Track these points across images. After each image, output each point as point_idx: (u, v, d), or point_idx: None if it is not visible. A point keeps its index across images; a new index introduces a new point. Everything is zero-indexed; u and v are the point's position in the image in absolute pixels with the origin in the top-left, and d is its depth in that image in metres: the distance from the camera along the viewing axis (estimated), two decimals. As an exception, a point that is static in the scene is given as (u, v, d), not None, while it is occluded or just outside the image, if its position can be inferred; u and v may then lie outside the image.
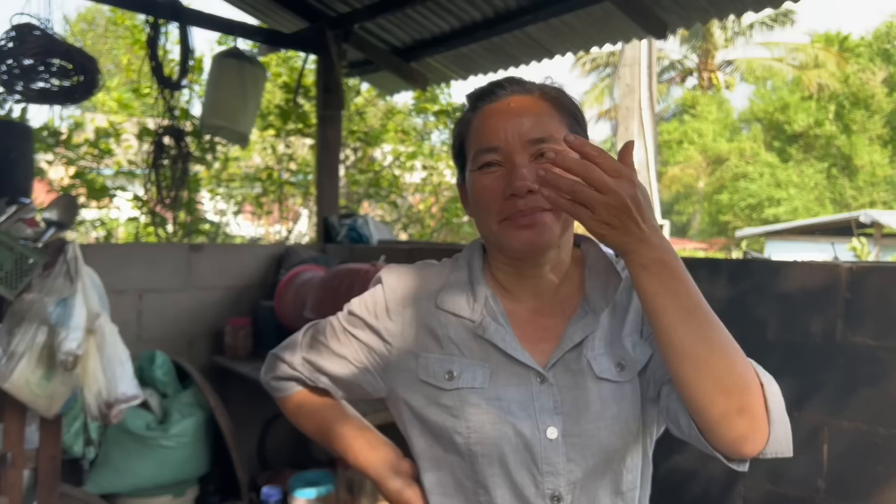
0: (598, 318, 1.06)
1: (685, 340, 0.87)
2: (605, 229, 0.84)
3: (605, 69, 23.54)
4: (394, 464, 1.16)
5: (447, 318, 1.08)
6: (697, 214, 25.96)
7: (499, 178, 1.00)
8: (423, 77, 4.47)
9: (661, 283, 0.87)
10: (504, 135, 1.01)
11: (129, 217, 5.67)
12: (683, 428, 0.94)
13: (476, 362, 1.05)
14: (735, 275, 2.23)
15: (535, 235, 0.99)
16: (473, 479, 1.03)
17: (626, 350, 1.04)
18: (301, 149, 6.71)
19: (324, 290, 2.87)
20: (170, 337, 3.40)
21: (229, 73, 3.68)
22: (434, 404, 1.05)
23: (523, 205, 0.98)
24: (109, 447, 2.80)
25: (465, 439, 1.02)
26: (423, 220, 7.82)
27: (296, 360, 1.20)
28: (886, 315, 1.89)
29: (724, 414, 0.87)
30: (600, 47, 3.94)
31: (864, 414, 1.93)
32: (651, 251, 0.86)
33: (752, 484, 2.16)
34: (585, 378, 1.02)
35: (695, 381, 0.87)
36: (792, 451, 0.90)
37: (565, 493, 1.00)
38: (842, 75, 22.65)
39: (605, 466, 1.02)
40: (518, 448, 1.00)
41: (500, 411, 1.01)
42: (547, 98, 1.04)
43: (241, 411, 3.23)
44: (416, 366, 1.08)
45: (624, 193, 0.82)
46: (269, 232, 7.32)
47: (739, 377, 0.88)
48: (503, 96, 1.05)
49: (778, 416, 0.90)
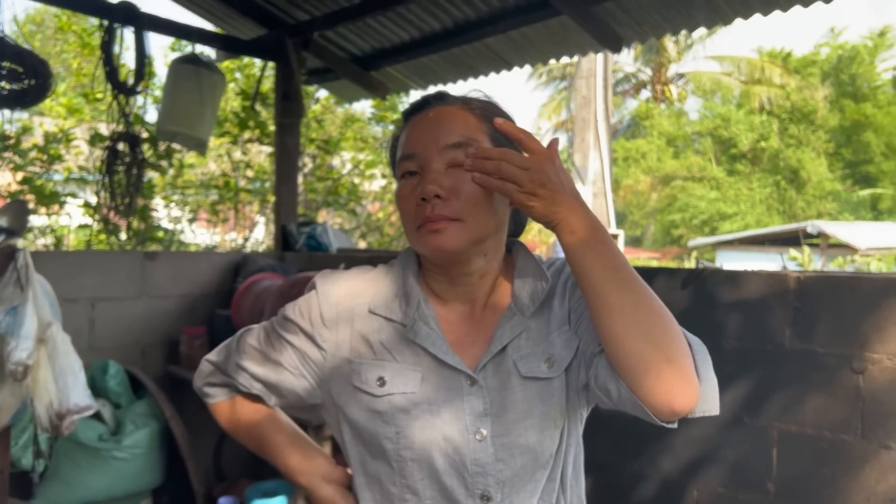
0: (525, 318, 1.08)
1: (613, 295, 0.93)
2: (533, 200, 0.94)
3: (561, 82, 23.87)
4: (326, 472, 1.17)
5: (380, 323, 1.09)
6: (651, 225, 26.41)
7: (415, 187, 1.04)
8: (383, 86, 4.48)
9: (586, 245, 0.94)
10: (420, 142, 1.05)
11: (80, 224, 5.54)
12: (613, 394, 0.96)
13: (407, 367, 1.06)
14: (688, 284, 2.28)
15: (442, 241, 1.01)
16: (401, 483, 1.04)
17: (555, 345, 1.07)
18: (258, 156, 6.65)
19: (282, 298, 2.85)
20: (123, 346, 3.33)
21: (187, 78, 3.63)
22: (366, 410, 1.06)
23: (430, 210, 1.00)
24: (60, 460, 2.73)
25: (395, 445, 1.03)
26: (382, 229, 7.81)
27: (229, 365, 1.19)
28: (833, 323, 1.96)
29: (652, 363, 0.90)
30: (557, 60, 4.00)
31: (811, 419, 2.00)
32: (577, 218, 0.94)
33: (704, 487, 2.21)
34: (512, 379, 1.04)
35: (623, 332, 0.91)
36: (719, 410, 0.94)
37: (494, 492, 1.02)
38: (784, 92, 23.36)
39: (533, 463, 1.04)
40: (447, 452, 1.02)
41: (431, 416, 1.03)
42: (468, 108, 1.08)
43: (197, 421, 3.17)
44: (349, 372, 1.08)
45: (544, 167, 0.93)
46: (224, 240, 7.23)
47: (666, 330, 0.92)
48: (427, 109, 1.09)
49: (706, 375, 0.93)
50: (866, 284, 1.90)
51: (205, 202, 6.54)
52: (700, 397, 0.92)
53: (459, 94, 1.14)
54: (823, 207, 22.85)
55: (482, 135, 1.06)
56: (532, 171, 0.92)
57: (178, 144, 4.04)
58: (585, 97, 11.13)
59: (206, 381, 1.24)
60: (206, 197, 6.52)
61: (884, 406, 1.86)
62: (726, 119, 24.39)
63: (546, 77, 24.25)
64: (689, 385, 0.90)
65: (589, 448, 1.17)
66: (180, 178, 6.29)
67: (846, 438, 1.92)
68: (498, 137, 1.06)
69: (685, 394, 0.90)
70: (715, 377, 0.94)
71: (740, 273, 2.19)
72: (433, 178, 1.01)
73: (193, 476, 2.89)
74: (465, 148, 1.01)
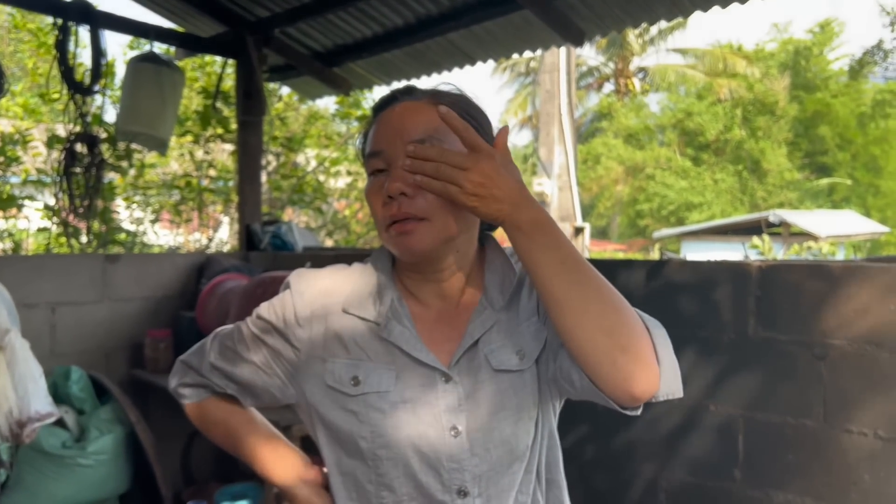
0: (495, 312, 1.08)
1: (561, 288, 0.92)
2: (475, 201, 0.91)
3: (526, 77, 23.98)
4: (302, 472, 1.17)
5: (354, 322, 1.08)
6: (617, 217, 26.65)
7: (383, 184, 1.02)
8: (346, 82, 4.45)
9: (533, 240, 0.92)
10: (386, 138, 1.03)
11: (39, 228, 5.42)
12: (576, 383, 0.96)
13: (382, 365, 1.05)
14: (653, 275, 2.31)
15: (410, 243, 1.00)
16: (377, 482, 1.04)
17: (524, 337, 1.07)
18: (220, 154, 6.57)
19: (247, 298, 2.82)
20: (86, 351, 3.27)
21: (146, 77, 3.57)
22: (341, 409, 1.05)
23: (396, 208, 0.99)
24: (22, 469, 2.67)
25: (370, 444, 1.03)
26: (349, 226, 7.76)
27: (204, 366, 1.17)
28: (795, 311, 2.00)
29: (606, 353, 0.89)
30: (520, 54, 4.01)
31: (775, 406, 2.03)
32: (521, 213, 0.92)
33: (671, 476, 2.23)
34: (483, 372, 1.04)
35: (574, 324, 0.91)
36: (682, 392, 0.94)
37: (471, 486, 1.02)
38: (747, 83, 23.72)
39: (509, 457, 1.04)
40: (422, 449, 1.02)
41: (405, 414, 1.02)
42: (435, 102, 1.05)
43: (164, 425, 3.14)
44: (323, 371, 1.07)
45: (482, 164, 0.90)
46: (188, 240, 7.13)
47: (618, 318, 0.91)
48: (394, 105, 1.07)
49: (666, 358, 0.93)
50: (826, 272, 1.94)
51: (167, 202, 6.44)
52: (661, 380, 0.92)
53: (429, 87, 1.12)
54: (784, 197, 23.27)
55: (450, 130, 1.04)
56: (470, 171, 0.90)
57: (139, 144, 3.97)
58: (549, 91, 11.18)
59: (180, 382, 1.22)
60: (169, 197, 6.42)
61: (845, 391, 1.90)
62: (689, 112, 24.70)
63: (511, 74, 24.35)
64: (647, 370, 0.90)
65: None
66: (141, 179, 6.18)
67: (809, 424, 1.96)
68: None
69: (644, 380, 0.90)
70: (675, 359, 0.94)
71: (703, 263, 2.22)
72: (398, 174, 0.99)
73: (161, 481, 2.85)
74: (432, 143, 1.00)
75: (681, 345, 2.34)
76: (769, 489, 2.03)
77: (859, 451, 1.87)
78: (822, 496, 1.93)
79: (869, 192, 23.62)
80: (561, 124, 11.09)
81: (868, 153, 23.49)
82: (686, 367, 0.97)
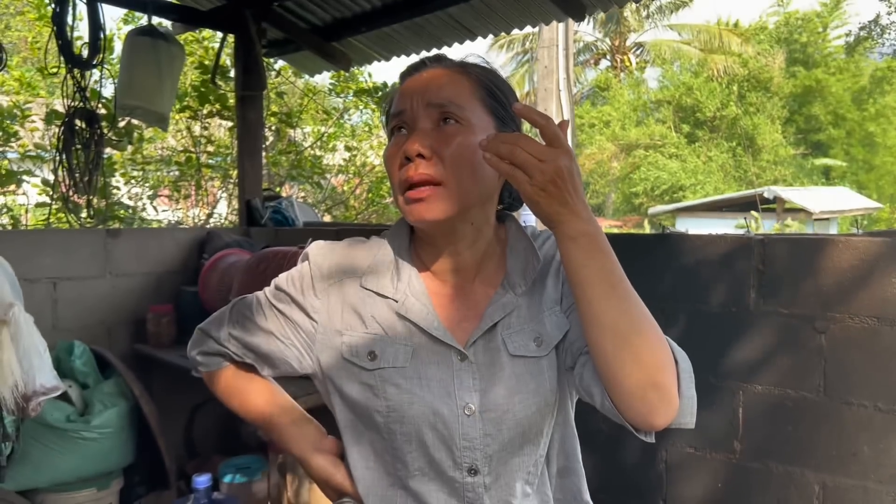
0: (516, 296, 1.08)
1: (608, 313, 0.90)
2: (541, 195, 0.87)
3: (524, 55, 23.83)
4: (317, 441, 1.18)
5: (371, 298, 1.09)
6: (612, 194, 26.64)
7: (402, 145, 1.02)
8: (346, 57, 4.42)
9: (587, 255, 0.90)
10: (410, 99, 1.03)
11: (37, 203, 5.40)
12: (596, 399, 0.97)
13: (398, 342, 1.06)
14: (654, 249, 2.32)
15: (424, 210, 1.00)
16: (392, 454, 1.06)
17: (544, 325, 1.07)
18: (218, 130, 6.53)
19: (249, 274, 2.83)
20: (88, 326, 3.28)
21: (143, 51, 3.53)
22: (357, 382, 1.06)
23: (414, 170, 0.99)
24: (28, 442, 2.69)
25: (385, 418, 1.04)
26: (347, 202, 7.75)
27: (222, 334, 1.18)
28: (795, 284, 2.01)
29: (638, 386, 0.90)
30: (521, 28, 3.98)
31: (775, 378, 2.05)
32: (580, 224, 0.89)
33: (673, 449, 2.26)
34: (501, 356, 1.05)
35: (613, 353, 0.90)
36: (694, 424, 0.95)
37: (482, 465, 1.03)
38: (742, 59, 23.62)
39: (521, 439, 1.04)
40: (436, 425, 1.02)
41: (421, 390, 1.03)
42: (462, 71, 1.07)
43: (167, 399, 3.16)
44: (340, 343, 1.08)
45: (560, 162, 0.86)
46: (187, 216, 7.11)
47: (656, 353, 0.91)
48: (423, 70, 1.08)
49: (687, 392, 0.93)
50: (828, 246, 1.95)
51: (166, 178, 6.42)
52: (678, 413, 0.93)
53: (458, 57, 1.12)
54: (779, 173, 23.28)
55: (475, 101, 1.04)
56: (546, 163, 0.86)
57: (138, 119, 3.94)
58: (547, 67, 11.12)
59: (199, 350, 1.23)
60: (168, 173, 6.39)
61: (844, 364, 1.92)
62: (689, 87, 24.60)
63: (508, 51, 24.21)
64: (669, 406, 0.91)
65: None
66: (139, 154, 6.16)
67: (809, 396, 1.98)
68: (493, 105, 1.05)
69: (665, 414, 0.91)
70: (695, 394, 0.95)
71: (705, 237, 2.23)
72: (417, 136, 1.00)
73: (165, 454, 2.87)
74: (451, 109, 1.01)
75: (682, 318, 2.36)
76: (769, 461, 2.06)
77: (859, 423, 1.90)
78: (822, 468, 1.96)
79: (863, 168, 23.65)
80: (559, 100, 11.04)
81: (863, 130, 23.47)
82: (687, 341, 0.98)
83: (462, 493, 1.04)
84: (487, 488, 1.04)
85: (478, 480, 1.03)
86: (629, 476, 2.37)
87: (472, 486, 1.04)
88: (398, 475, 1.06)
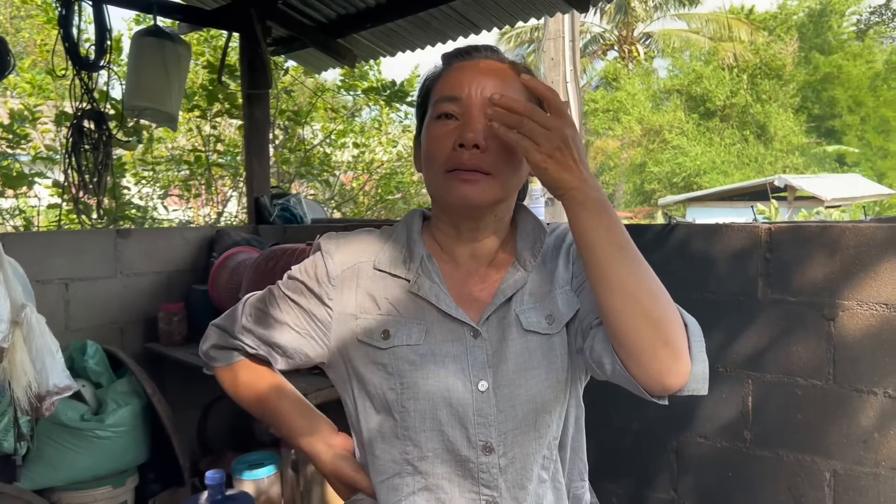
0: (527, 274, 1.10)
1: (617, 273, 0.92)
2: (549, 163, 0.91)
3: (529, 46, 23.73)
4: (329, 438, 1.19)
5: (384, 279, 1.11)
6: (622, 185, 26.52)
7: (452, 131, 1.03)
8: (352, 53, 4.42)
9: (596, 219, 0.93)
10: (468, 88, 1.05)
11: (49, 204, 5.45)
12: (607, 368, 0.98)
13: (411, 320, 1.07)
14: (662, 238, 2.31)
15: (471, 192, 1.02)
16: (403, 436, 1.06)
17: (556, 303, 1.09)
18: (227, 129, 6.56)
19: (258, 271, 2.84)
20: (100, 326, 3.31)
21: (150, 52, 3.55)
22: (371, 363, 1.07)
23: (468, 158, 1.01)
24: (43, 441, 2.72)
25: (399, 396, 1.05)
26: (356, 199, 7.77)
27: (236, 328, 1.20)
28: (803, 272, 2.00)
29: (650, 343, 0.91)
30: (525, 21, 3.97)
31: (784, 366, 2.05)
32: (588, 190, 0.93)
33: (682, 438, 2.26)
34: (513, 331, 1.06)
35: (623, 311, 0.92)
36: (707, 390, 0.96)
37: (496, 443, 1.04)
38: (754, 47, 23.42)
39: (534, 416, 1.05)
40: (450, 402, 1.03)
41: (435, 367, 1.04)
42: (514, 69, 1.09)
43: (180, 397, 3.18)
44: (354, 327, 1.10)
45: (565, 131, 0.91)
46: (198, 215, 7.15)
47: (665, 311, 0.93)
48: (477, 57, 1.10)
49: (699, 356, 0.95)
50: (835, 233, 1.94)
51: (176, 178, 6.45)
52: (690, 377, 0.93)
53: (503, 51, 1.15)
54: (790, 162, 23.09)
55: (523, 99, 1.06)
56: (553, 131, 0.90)
57: (148, 120, 3.97)
58: (554, 59, 11.07)
59: (212, 345, 1.24)
60: (178, 173, 6.43)
61: (854, 351, 1.91)
62: (699, 75, 24.42)
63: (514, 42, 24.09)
64: (682, 365, 0.92)
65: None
66: (149, 154, 6.19)
67: (819, 384, 1.98)
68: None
69: (677, 374, 0.92)
70: (707, 359, 0.96)
71: (712, 226, 2.22)
72: (475, 125, 1.02)
73: (179, 451, 2.90)
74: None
75: (690, 308, 2.34)
76: (779, 449, 2.06)
77: (868, 410, 1.89)
78: (832, 455, 1.95)
79: (878, 154, 23.41)
80: (566, 92, 10.99)
81: (879, 115, 23.24)
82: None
83: (477, 474, 1.04)
84: (503, 470, 1.04)
85: (492, 460, 1.04)
86: (639, 466, 2.37)
87: (486, 466, 1.04)
88: (408, 459, 1.06)
